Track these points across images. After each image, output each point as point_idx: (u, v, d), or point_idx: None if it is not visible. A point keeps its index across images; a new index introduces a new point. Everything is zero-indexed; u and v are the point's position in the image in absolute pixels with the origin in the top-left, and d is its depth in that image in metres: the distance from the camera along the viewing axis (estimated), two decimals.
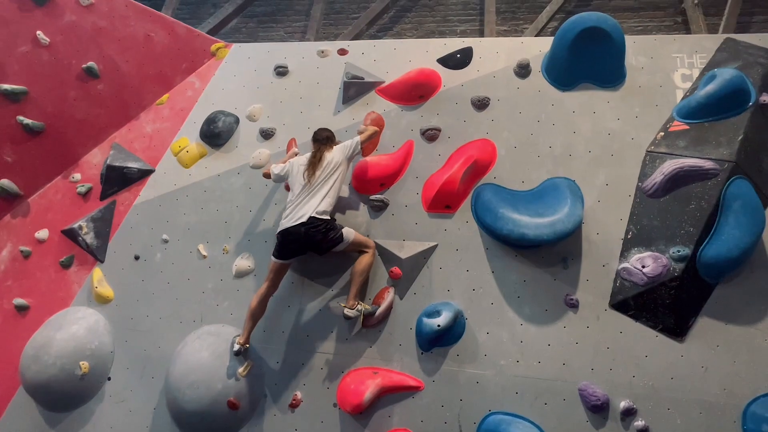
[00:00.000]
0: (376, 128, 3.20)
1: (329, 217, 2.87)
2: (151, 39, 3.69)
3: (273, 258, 2.94)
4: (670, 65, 3.16)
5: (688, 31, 4.52)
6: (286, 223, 2.84)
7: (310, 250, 2.90)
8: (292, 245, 2.85)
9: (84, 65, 3.62)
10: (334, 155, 2.94)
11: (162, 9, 5.24)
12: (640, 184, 2.93)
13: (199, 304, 3.22)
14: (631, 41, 3.21)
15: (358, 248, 2.95)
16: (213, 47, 3.74)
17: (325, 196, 2.84)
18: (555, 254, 2.88)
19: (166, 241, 3.37)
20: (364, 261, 2.91)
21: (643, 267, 2.70)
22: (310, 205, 2.80)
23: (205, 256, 3.29)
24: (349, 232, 2.91)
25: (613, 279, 2.81)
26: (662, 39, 3.29)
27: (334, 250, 2.88)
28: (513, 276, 2.91)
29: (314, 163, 2.88)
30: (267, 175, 3.16)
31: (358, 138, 3.05)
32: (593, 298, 2.81)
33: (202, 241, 3.32)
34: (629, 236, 2.85)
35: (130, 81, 3.68)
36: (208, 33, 4.68)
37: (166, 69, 3.70)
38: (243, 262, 3.23)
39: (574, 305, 2.81)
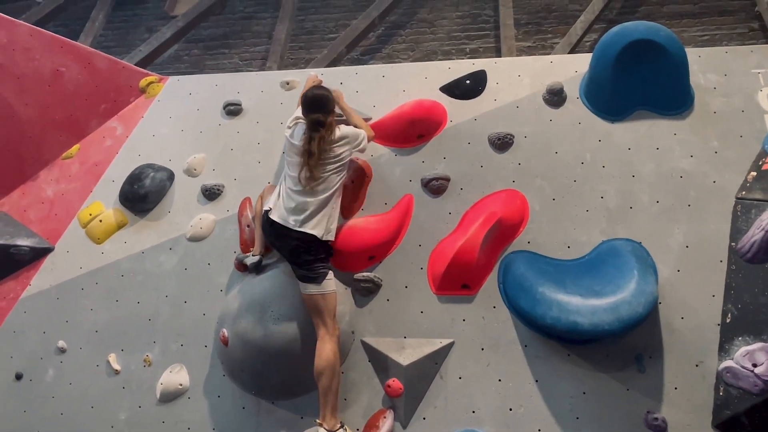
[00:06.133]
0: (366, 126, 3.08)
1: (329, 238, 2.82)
2: (61, 75, 3.71)
3: None
4: (752, 84, 3.11)
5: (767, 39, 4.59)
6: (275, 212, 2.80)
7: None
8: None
9: None
10: (340, 143, 2.82)
11: (80, 37, 5.37)
12: (733, 244, 2.75)
13: None
14: (695, 55, 3.22)
15: (320, 323, 2.69)
16: (142, 82, 3.75)
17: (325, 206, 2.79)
18: (624, 351, 2.69)
19: (62, 351, 3.17)
20: (326, 351, 2.63)
21: (755, 366, 2.48)
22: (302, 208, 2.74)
23: (117, 371, 3.08)
24: (330, 285, 2.76)
25: (714, 385, 2.60)
26: (736, 51, 3.32)
27: (304, 286, 2.72)
28: (566, 386, 2.71)
29: (310, 151, 2.75)
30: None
31: (364, 134, 2.95)
32: (687, 415, 2.59)
33: (114, 349, 3.12)
34: (728, 320, 2.65)
35: (29, 129, 3.64)
36: (140, 63, 4.79)
37: (78, 112, 3.69)
38: (173, 379, 3.00)
39: (660, 428, 2.59)
